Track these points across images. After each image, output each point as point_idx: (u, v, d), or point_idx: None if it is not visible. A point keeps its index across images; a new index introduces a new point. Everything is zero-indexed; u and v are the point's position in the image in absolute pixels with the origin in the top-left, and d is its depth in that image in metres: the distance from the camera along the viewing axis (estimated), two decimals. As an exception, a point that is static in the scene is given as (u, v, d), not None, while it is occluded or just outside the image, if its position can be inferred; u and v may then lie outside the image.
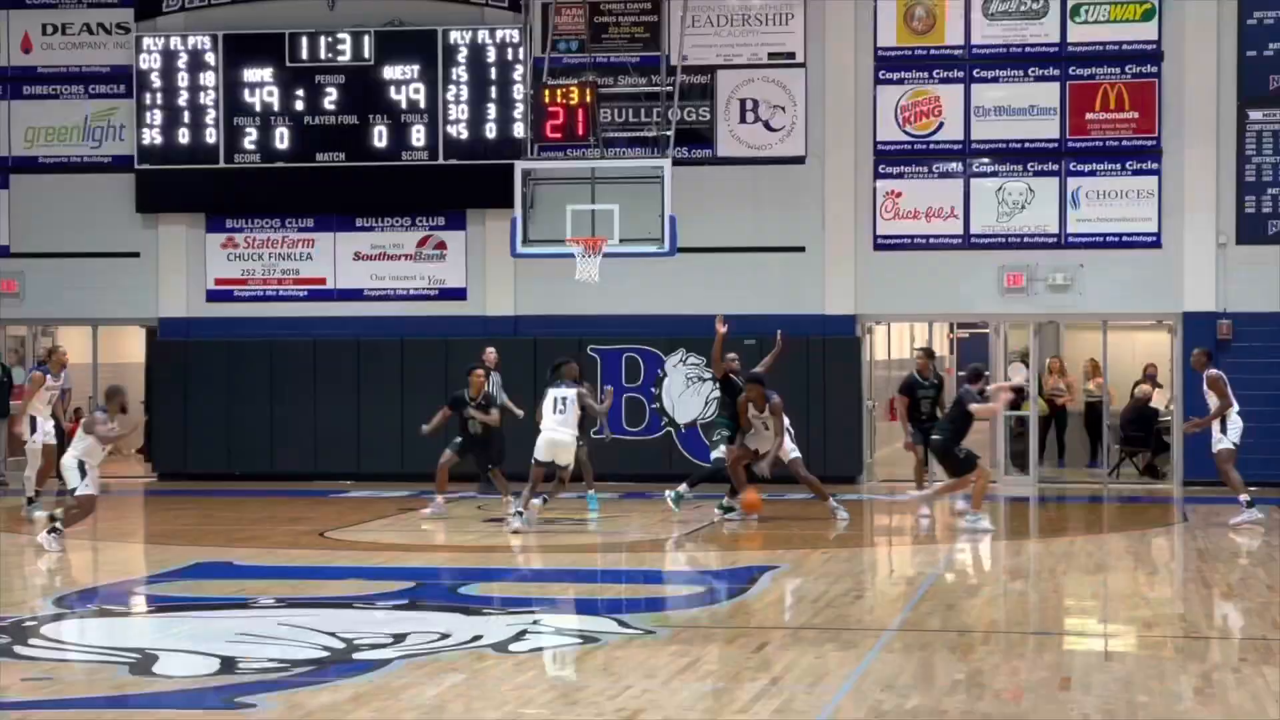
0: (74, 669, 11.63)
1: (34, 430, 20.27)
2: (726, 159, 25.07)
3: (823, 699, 10.49)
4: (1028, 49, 24.50)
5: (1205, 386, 20.07)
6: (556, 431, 19.33)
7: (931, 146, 24.72)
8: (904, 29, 24.74)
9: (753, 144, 25.04)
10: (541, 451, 19.37)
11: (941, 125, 24.69)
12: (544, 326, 25.28)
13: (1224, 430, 19.89)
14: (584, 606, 14.28)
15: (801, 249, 24.97)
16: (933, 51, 24.73)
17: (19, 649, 12.16)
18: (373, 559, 17.47)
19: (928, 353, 22.11)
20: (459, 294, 25.75)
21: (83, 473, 17.32)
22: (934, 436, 19.95)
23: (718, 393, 21.55)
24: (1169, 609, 14.22)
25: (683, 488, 20.61)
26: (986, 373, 21.37)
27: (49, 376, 20.62)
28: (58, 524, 17.46)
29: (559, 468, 19.61)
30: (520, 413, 21.41)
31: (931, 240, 24.75)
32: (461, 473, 21.13)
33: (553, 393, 19.55)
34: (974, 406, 19.44)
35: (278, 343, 25.35)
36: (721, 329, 20.34)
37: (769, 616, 13.64)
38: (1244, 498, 19.64)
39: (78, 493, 17.38)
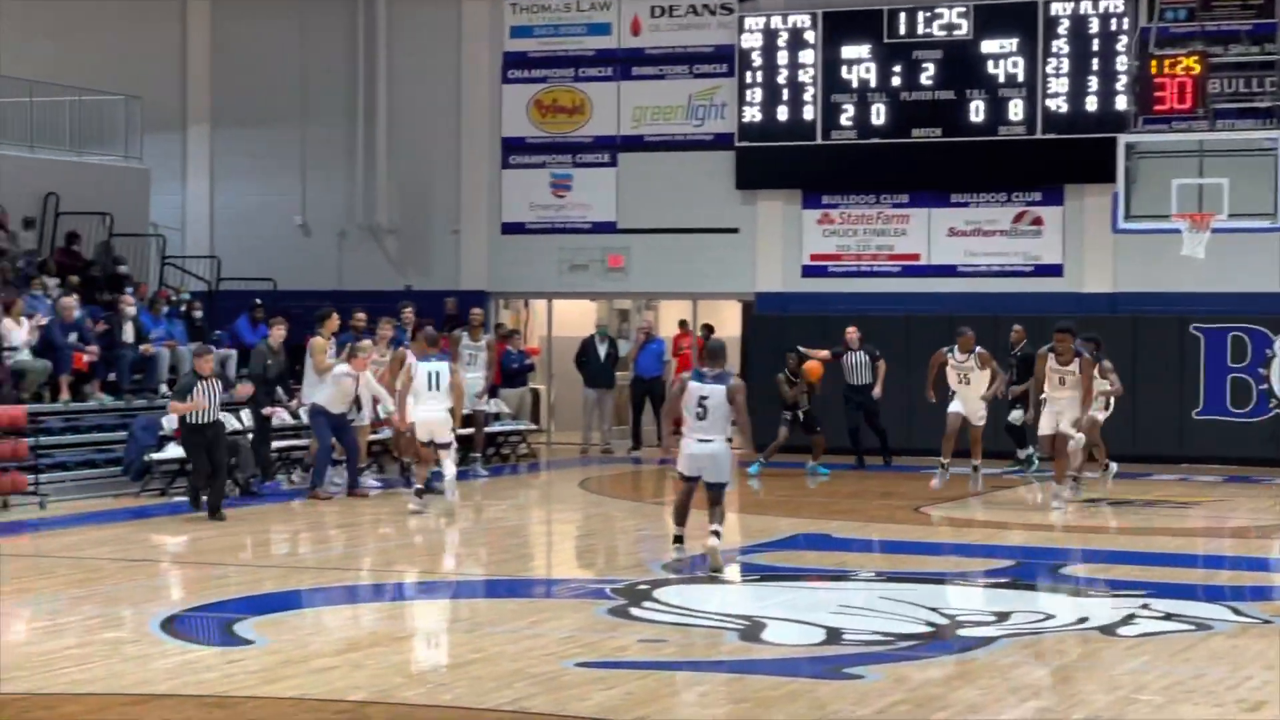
0: (687, 633, 11.96)
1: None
2: (1343, 129, 23.81)
3: None
4: None
5: None
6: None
7: None
8: None
9: (1372, 113, 23.69)
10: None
11: None
12: (1143, 304, 24.59)
13: None
14: (1192, 592, 13.79)
15: None
16: None
17: (634, 610, 12.60)
18: (969, 535, 17.40)
19: None
20: (1054, 270, 25.34)
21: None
22: None
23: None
24: None
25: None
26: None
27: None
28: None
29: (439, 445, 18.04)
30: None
31: None
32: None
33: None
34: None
35: (870, 318, 25.43)
36: None
37: (1395, 611, 12.88)
38: None
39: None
